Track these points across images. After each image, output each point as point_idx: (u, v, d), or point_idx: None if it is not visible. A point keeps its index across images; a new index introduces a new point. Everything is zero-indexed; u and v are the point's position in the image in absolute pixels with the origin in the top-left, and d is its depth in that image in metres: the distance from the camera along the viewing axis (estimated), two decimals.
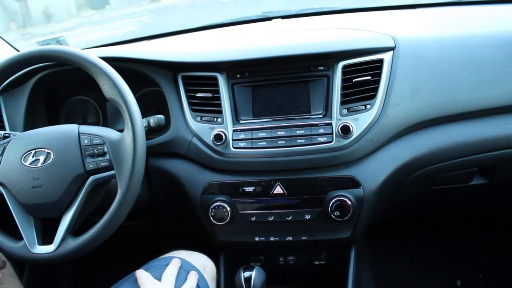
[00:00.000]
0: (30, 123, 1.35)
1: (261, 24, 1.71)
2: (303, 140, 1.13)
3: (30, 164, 1.04)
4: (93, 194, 1.05)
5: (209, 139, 1.16)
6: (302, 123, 1.15)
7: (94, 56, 1.04)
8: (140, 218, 1.42)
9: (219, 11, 13.17)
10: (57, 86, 1.40)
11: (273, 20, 1.70)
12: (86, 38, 11.19)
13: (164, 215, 1.47)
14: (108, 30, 12.35)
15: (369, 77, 1.15)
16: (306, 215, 1.16)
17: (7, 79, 1.15)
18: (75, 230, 1.04)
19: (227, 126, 1.16)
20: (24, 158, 1.05)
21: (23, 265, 1.24)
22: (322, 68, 1.17)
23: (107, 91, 1.02)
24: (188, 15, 12.96)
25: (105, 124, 1.44)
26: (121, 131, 1.06)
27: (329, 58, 1.17)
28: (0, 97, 1.33)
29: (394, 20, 1.65)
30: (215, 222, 1.17)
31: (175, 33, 1.77)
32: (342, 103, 1.14)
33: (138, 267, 1.08)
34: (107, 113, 1.45)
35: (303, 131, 1.13)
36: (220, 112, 1.17)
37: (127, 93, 1.01)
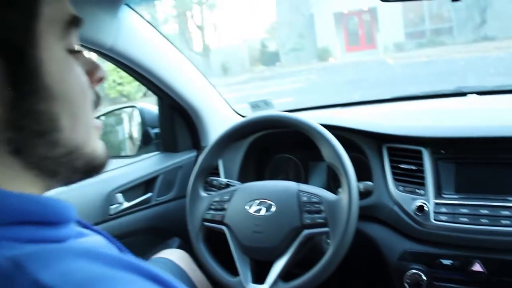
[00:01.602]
0: (243, 175, 1.56)
1: (456, 99, 1.74)
2: (508, 222, 1.13)
3: (253, 211, 1.21)
4: (302, 246, 1.18)
5: (410, 208, 1.22)
6: (507, 205, 1.15)
7: (317, 124, 1.19)
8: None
9: (387, 71, 13.21)
10: (268, 144, 1.60)
11: (469, 95, 1.72)
12: (257, 92, 12.06)
13: (350, 275, 1.55)
14: (277, 85, 13.17)
15: None
16: None
17: (238, 138, 1.37)
18: (283, 275, 1.18)
19: (429, 198, 1.22)
20: (249, 205, 1.23)
21: None
22: None
23: (328, 156, 1.16)
24: (356, 74, 13.26)
25: (306, 181, 1.59)
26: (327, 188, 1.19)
27: None
28: None
29: None
30: None
31: (369, 102, 1.89)
32: None
33: None
34: (308, 171, 1.60)
35: (508, 212, 1.14)
36: (423, 184, 1.24)
37: (346, 160, 1.14)
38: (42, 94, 0.42)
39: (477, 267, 1.16)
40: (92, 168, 0.48)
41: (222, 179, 1.41)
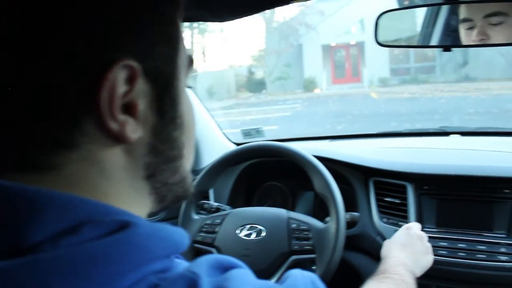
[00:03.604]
0: (232, 200, 1.61)
1: (438, 139, 1.82)
2: (484, 256, 1.20)
3: (244, 236, 1.26)
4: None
5: None
6: (484, 240, 1.22)
7: (310, 155, 1.26)
8: None
9: (371, 105, 13.43)
10: (258, 172, 1.66)
11: (451, 135, 1.80)
12: (242, 118, 12.16)
13: None
14: (262, 113, 13.30)
15: None
16: None
17: (233, 164, 1.42)
18: None
19: None
20: (239, 230, 1.27)
21: None
22: (508, 191, 1.25)
23: (319, 186, 1.22)
24: (340, 106, 13.46)
25: (292, 209, 1.64)
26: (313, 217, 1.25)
27: None
28: None
29: None
30: None
31: (356, 136, 1.96)
32: None
33: None
34: (295, 200, 1.66)
35: (484, 247, 1.21)
36: (406, 217, 1.30)
37: (336, 191, 1.20)
38: (177, 122, 0.45)
39: None
40: (184, 196, 0.50)
41: (213, 203, 1.46)
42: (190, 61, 0.48)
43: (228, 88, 19.81)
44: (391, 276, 0.96)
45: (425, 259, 1.09)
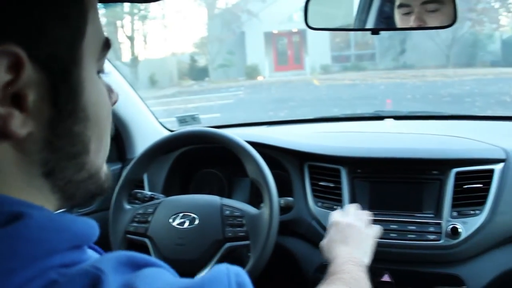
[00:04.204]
0: (167, 188, 1.57)
1: (373, 123, 1.85)
2: (414, 236, 1.23)
3: (177, 224, 1.22)
4: (224, 258, 1.21)
5: (327, 223, 1.29)
6: (414, 220, 1.26)
7: (243, 141, 1.24)
8: None
9: (313, 91, 13.61)
10: (194, 159, 1.63)
11: (385, 119, 1.84)
12: (184, 106, 12.01)
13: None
14: (205, 101, 13.19)
15: (480, 185, 1.25)
16: None
17: (165, 152, 1.38)
18: None
19: None
20: (172, 218, 1.24)
21: None
22: (436, 172, 1.29)
23: (251, 171, 1.21)
24: (283, 93, 13.57)
25: (229, 196, 1.62)
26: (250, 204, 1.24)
27: (444, 164, 1.29)
28: None
29: (504, 131, 1.73)
30: None
31: (294, 122, 1.97)
32: (453, 206, 1.24)
33: None
34: (232, 187, 1.64)
35: (414, 227, 1.24)
36: (340, 201, 1.31)
37: (268, 176, 1.19)
38: (79, 115, 0.41)
39: (386, 278, 1.25)
40: (100, 192, 0.47)
41: (147, 192, 1.41)
42: (106, 44, 0.44)
43: (171, 76, 19.50)
44: (340, 276, 0.92)
45: (366, 244, 1.06)
